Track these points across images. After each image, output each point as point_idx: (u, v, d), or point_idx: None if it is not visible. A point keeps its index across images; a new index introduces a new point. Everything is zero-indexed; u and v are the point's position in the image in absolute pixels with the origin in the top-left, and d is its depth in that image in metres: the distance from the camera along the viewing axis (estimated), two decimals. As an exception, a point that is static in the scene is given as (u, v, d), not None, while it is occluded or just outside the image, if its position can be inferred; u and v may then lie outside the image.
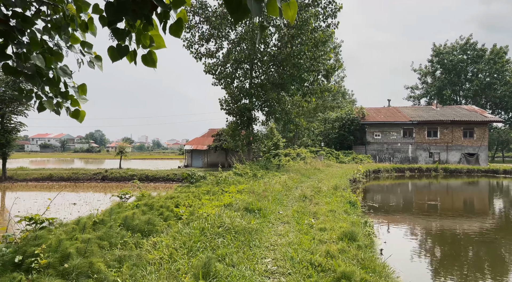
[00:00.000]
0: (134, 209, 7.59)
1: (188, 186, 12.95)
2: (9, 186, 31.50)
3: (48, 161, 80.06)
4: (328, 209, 10.08)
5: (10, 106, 33.24)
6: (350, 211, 10.05)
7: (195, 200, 9.67)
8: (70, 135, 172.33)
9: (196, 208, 8.55)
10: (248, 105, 24.03)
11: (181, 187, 12.65)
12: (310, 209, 10.25)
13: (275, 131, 29.32)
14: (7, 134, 33.17)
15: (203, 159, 43.98)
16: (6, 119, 33.36)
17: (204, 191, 11.60)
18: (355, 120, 45.98)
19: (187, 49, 24.49)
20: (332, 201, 11.42)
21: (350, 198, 11.51)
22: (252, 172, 18.31)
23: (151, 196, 9.03)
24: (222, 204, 9.51)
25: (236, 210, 9.01)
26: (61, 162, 74.82)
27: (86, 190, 30.30)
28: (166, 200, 8.68)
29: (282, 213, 9.83)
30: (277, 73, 24.31)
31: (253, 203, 9.41)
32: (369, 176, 30.21)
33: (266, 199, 11.43)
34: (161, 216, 7.55)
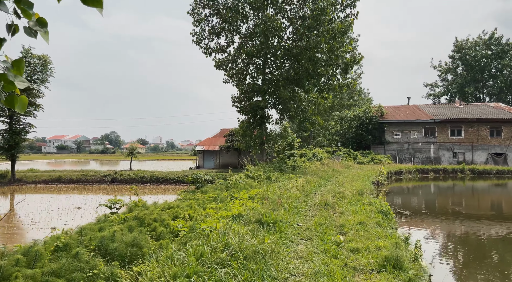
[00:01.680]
0: (120, 224, 6.15)
1: (194, 191, 11.49)
2: (18, 188, 30.80)
3: (64, 162, 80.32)
4: (356, 220, 8.45)
5: (19, 107, 32.53)
6: (384, 222, 8.40)
7: (199, 209, 8.18)
8: (85, 137, 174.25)
9: (198, 221, 7.06)
10: (260, 103, 22.51)
11: (186, 193, 11.20)
12: (334, 220, 8.64)
13: (289, 131, 27.74)
14: (16, 136, 32.50)
15: (215, 159, 42.64)
16: (15, 120, 32.71)
17: (211, 198, 10.12)
18: (373, 119, 43.89)
19: (196, 44, 23.13)
20: (359, 210, 9.77)
21: (381, 206, 9.85)
22: (265, 174, 16.77)
23: (145, 206, 7.59)
24: (230, 215, 8.00)
25: (246, 223, 7.49)
26: (76, 163, 74.87)
27: (94, 192, 29.30)
28: (162, 211, 7.21)
29: (301, 226, 8.26)
30: (291, 68, 22.70)
31: (267, 214, 7.86)
32: (390, 177, 28.26)
33: (282, 207, 9.87)
34: (153, 232, 6.08)
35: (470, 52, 62.03)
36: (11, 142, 32.16)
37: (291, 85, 22.32)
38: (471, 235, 10.97)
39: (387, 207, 9.67)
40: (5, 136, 32.30)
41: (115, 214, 7.33)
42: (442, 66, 68.50)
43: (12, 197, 27.01)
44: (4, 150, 32.26)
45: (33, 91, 32.89)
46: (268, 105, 23.46)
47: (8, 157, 32.73)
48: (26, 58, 32.33)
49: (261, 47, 22.06)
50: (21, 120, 33.08)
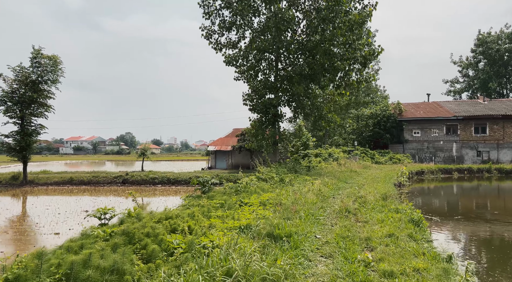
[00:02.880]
0: (106, 241, 5.14)
1: (200, 196, 10.46)
2: (29, 190, 30.51)
3: (81, 163, 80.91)
4: (384, 232, 7.25)
5: (30, 108, 32.33)
6: (417, 234, 7.17)
7: (201, 219, 7.13)
8: (101, 138, 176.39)
9: (199, 235, 6.01)
10: (273, 101, 21.37)
11: (190, 198, 10.17)
12: (358, 232, 7.47)
13: (303, 130, 26.47)
14: (27, 137, 32.25)
15: (227, 160, 41.70)
16: (26, 121, 32.46)
17: (218, 204, 9.06)
18: (391, 116, 42.17)
19: (206, 39, 22.16)
20: (386, 218, 8.55)
21: (411, 214, 8.59)
22: (278, 176, 15.64)
23: (140, 216, 6.57)
24: (238, 226, 6.93)
25: (255, 236, 6.40)
26: (92, 164, 75.24)
27: (105, 194, 28.73)
28: (157, 223, 6.18)
29: (320, 238, 7.12)
30: (306, 63, 21.47)
31: (279, 225, 6.75)
32: (411, 178, 26.71)
33: (297, 214, 8.75)
34: (143, 251, 5.06)
35: (493, 46, 59.37)
36: (22, 143, 31.92)
37: (306, 81, 21.11)
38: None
39: (419, 215, 8.41)
40: (16, 138, 32.08)
41: (105, 225, 6.35)
42: (463, 62, 65.88)
43: (24, 198, 26.63)
44: (15, 152, 32.05)
45: (44, 92, 32.60)
46: (281, 103, 22.31)
47: (20, 158, 32.52)
48: (36, 59, 32.06)
49: (274, 42, 20.92)
50: (32, 121, 32.81)
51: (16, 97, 31.48)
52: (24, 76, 31.52)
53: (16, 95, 31.49)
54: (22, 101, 31.64)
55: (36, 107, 32.50)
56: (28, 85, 31.66)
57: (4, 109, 31.43)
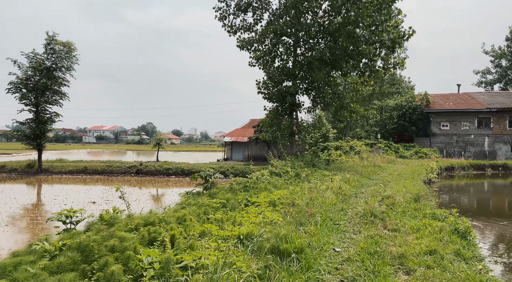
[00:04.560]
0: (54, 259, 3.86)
1: (201, 193, 9.14)
2: (43, 178, 30.22)
3: (103, 152, 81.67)
4: (423, 246, 5.71)
5: (44, 96, 31.90)
6: (466, 251, 5.59)
7: (193, 225, 5.78)
8: (123, 128, 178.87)
9: (183, 247, 4.66)
10: (290, 88, 19.78)
11: (188, 196, 8.86)
12: (388, 244, 5.95)
13: (324, 120, 24.82)
14: (42, 125, 31.87)
15: (244, 151, 40.42)
16: (41, 109, 32.07)
17: (219, 203, 7.71)
18: (417, 108, 39.68)
19: (219, 21, 20.69)
20: (421, 227, 6.98)
21: (456, 223, 6.97)
22: (294, 170, 14.17)
23: (114, 220, 5.30)
24: (237, 235, 5.55)
25: (256, 250, 5.00)
26: (113, 153, 75.68)
27: (119, 184, 28.04)
28: (131, 231, 4.87)
29: (340, 252, 5.66)
30: (327, 48, 19.73)
31: (288, 236, 5.31)
32: (440, 174, 24.64)
33: (312, 219, 7.30)
34: (99, 274, 3.74)
35: (530, 33, 55.20)
36: (37, 131, 31.59)
37: (326, 68, 19.39)
38: None
39: (466, 224, 6.77)
40: (31, 125, 31.77)
41: (71, 231, 5.10)
42: (496, 51, 61.78)
43: (39, 187, 26.21)
44: (30, 139, 31.78)
45: (59, 80, 32.08)
46: (299, 91, 20.68)
47: (34, 146, 32.25)
48: (50, 45, 31.48)
49: (292, 24, 19.24)
50: (47, 109, 32.39)
51: (31, 84, 31.05)
52: (38, 63, 31.00)
53: (31, 82, 31.06)
54: (37, 89, 31.21)
55: (51, 94, 32.02)
56: (42, 72, 31.16)
57: (19, 96, 31.09)
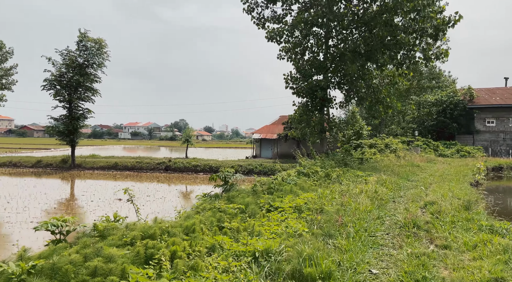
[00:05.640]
0: None
1: (218, 195, 8.32)
2: (76, 174, 30.85)
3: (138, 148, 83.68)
4: (485, 273, 4.55)
5: (77, 92, 32.51)
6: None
7: (203, 237, 4.94)
8: (156, 124, 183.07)
9: (182, 270, 3.82)
10: (321, 82, 18.59)
11: (205, 199, 8.06)
12: (439, 267, 4.84)
13: (357, 116, 23.37)
14: (75, 121, 32.53)
15: (273, 149, 39.47)
16: (74, 105, 32.72)
17: (236, 209, 6.85)
18: (460, 103, 36.97)
19: (247, 13, 19.81)
20: (478, 243, 5.76)
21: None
22: (323, 170, 13.07)
23: (108, 231, 4.57)
24: (252, 251, 4.65)
25: (273, 274, 4.08)
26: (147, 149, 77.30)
27: (147, 180, 28.06)
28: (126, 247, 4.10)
29: (378, 275, 4.62)
30: (361, 39, 18.34)
31: (314, 256, 4.34)
32: (487, 174, 22.50)
33: (343, 229, 6.28)
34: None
35: None
36: (70, 127, 32.27)
37: (360, 60, 18.02)
38: None
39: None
40: (65, 121, 32.50)
41: (60, 242, 4.42)
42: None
43: (72, 183, 26.65)
44: (64, 135, 32.52)
45: (91, 76, 32.58)
46: (330, 85, 19.44)
47: (68, 142, 32.98)
48: (82, 42, 31.98)
49: (324, 14, 18.01)
50: (79, 105, 33.00)
51: (64, 81, 31.72)
52: (71, 60, 31.58)
53: (64, 79, 31.72)
54: (70, 85, 31.84)
55: (83, 91, 32.59)
56: (75, 69, 31.73)
57: (53, 93, 31.87)
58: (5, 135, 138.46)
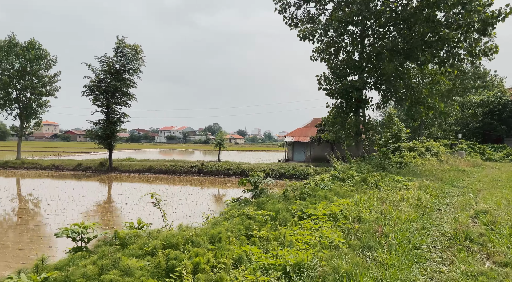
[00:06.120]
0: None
1: (248, 200, 7.92)
2: (113, 176, 31.77)
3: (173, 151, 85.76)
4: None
5: (114, 97, 33.56)
6: None
7: (229, 247, 4.57)
8: (191, 128, 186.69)
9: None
10: (357, 83, 17.81)
11: (234, 204, 7.70)
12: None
13: (394, 118, 22.24)
14: (112, 126, 33.58)
15: (306, 152, 38.69)
16: (111, 110, 33.79)
17: (266, 216, 6.43)
18: (509, 104, 34.44)
19: (279, 13, 19.44)
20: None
21: None
22: (360, 174, 12.36)
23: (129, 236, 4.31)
24: (283, 265, 4.21)
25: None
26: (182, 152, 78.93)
27: (180, 183, 28.34)
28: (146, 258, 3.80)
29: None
30: (400, 36, 17.41)
31: (352, 273, 3.83)
32: (542, 181, 20.56)
33: (384, 240, 5.68)
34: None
35: None
36: (107, 131, 33.33)
37: (399, 58, 17.06)
38: None
39: None
40: (103, 125, 33.62)
41: (80, 251, 4.22)
42: None
43: (109, 186, 27.40)
44: (102, 139, 33.63)
45: (127, 82, 33.54)
46: (366, 85, 18.59)
47: (105, 146, 34.08)
48: (119, 49, 33.01)
49: (359, 12, 17.26)
50: (116, 110, 34.05)
51: (103, 86, 32.86)
52: (109, 66, 32.68)
53: (103, 84, 32.87)
54: (108, 91, 32.94)
55: (120, 96, 33.60)
56: (112, 74, 32.80)
57: (93, 98, 33.11)
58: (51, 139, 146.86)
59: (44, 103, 40.44)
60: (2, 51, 37.31)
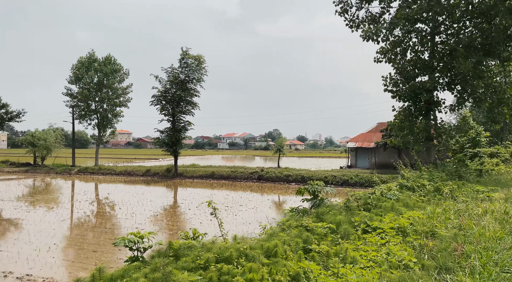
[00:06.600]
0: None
1: (307, 211, 7.53)
2: (178, 182, 33.23)
3: (235, 157, 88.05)
4: None
5: (179, 106, 35.21)
6: None
7: (285, 263, 4.28)
8: (251, 135, 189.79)
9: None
10: (427, 84, 16.44)
11: (292, 214, 7.36)
12: None
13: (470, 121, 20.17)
14: (177, 133, 35.23)
15: (370, 158, 36.85)
16: (176, 119, 35.49)
17: (326, 228, 6.01)
18: None
19: (340, 15, 18.79)
20: None
21: None
22: (432, 184, 11.25)
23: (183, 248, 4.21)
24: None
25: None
26: (243, 158, 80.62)
27: (242, 189, 28.70)
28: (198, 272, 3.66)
29: None
30: (478, 31, 15.76)
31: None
32: None
33: (464, 261, 4.95)
34: None
35: None
36: (173, 139, 35.03)
37: (477, 55, 15.43)
38: None
39: None
40: (169, 133, 35.44)
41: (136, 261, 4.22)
42: None
43: (174, 191, 28.60)
44: (168, 146, 35.43)
45: (191, 91, 35.03)
46: (438, 86, 17.09)
47: (171, 152, 35.84)
48: (184, 60, 34.65)
49: (429, 7, 15.98)
50: (181, 118, 35.70)
51: (169, 96, 34.71)
52: (174, 77, 34.44)
53: (169, 94, 34.72)
54: (173, 100, 34.71)
55: (184, 105, 35.20)
56: (177, 84, 34.50)
57: (160, 107, 35.15)
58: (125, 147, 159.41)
59: (118, 113, 43.85)
60: (83, 67, 41.33)
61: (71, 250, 11.63)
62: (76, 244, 12.27)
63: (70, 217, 17.46)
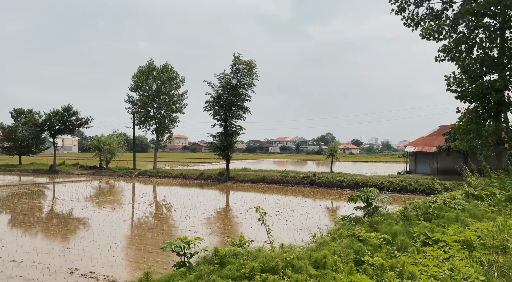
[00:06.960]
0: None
1: (360, 219, 7.11)
2: (230, 186, 33.80)
3: (286, 161, 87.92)
4: None
5: (231, 111, 35.89)
6: None
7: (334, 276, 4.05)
8: (303, 139, 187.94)
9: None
10: (497, 83, 15.00)
11: (343, 223, 6.99)
12: None
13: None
14: (229, 138, 35.92)
15: (431, 163, 34.49)
16: (228, 123, 36.21)
17: (380, 238, 5.62)
18: None
19: (397, 13, 17.90)
20: None
21: None
22: (503, 192, 10.16)
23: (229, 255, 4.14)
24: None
25: None
26: (295, 163, 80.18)
27: (292, 194, 28.41)
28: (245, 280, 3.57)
29: None
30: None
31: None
32: None
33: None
34: None
35: None
36: (225, 143, 35.77)
37: (556, 49, 13.79)
38: None
39: None
40: (221, 138, 36.25)
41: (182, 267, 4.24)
42: None
43: (226, 195, 29.12)
44: (220, 150, 36.24)
45: (242, 96, 35.56)
46: (509, 85, 15.53)
47: (223, 156, 36.60)
48: (236, 65, 35.28)
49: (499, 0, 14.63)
50: (233, 123, 36.36)
51: (221, 101, 35.56)
52: (226, 82, 35.21)
53: (221, 100, 35.57)
54: (225, 105, 35.48)
55: (236, 110, 35.81)
56: (229, 90, 35.22)
57: (213, 113, 36.14)
58: (181, 151, 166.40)
59: (175, 119, 45.85)
60: (143, 75, 43.88)
61: (129, 250, 12.24)
62: (134, 244, 12.90)
63: (131, 217, 18.44)
